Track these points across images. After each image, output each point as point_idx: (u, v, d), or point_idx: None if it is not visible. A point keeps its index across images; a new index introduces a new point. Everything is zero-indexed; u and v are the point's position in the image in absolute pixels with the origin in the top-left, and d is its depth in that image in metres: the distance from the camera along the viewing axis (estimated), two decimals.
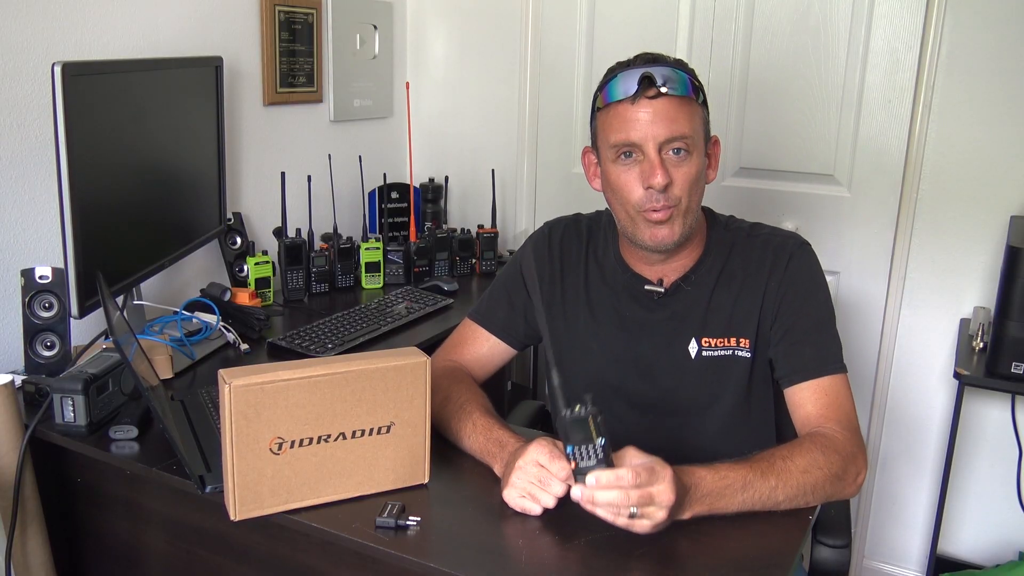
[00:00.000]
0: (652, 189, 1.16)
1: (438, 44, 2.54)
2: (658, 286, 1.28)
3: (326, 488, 1.07)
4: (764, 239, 1.28)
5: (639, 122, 1.15)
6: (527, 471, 1.04)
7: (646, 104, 1.15)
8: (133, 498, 1.30)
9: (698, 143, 1.18)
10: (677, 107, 1.15)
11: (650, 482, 0.96)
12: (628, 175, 1.18)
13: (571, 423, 0.98)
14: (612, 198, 1.24)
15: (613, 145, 1.18)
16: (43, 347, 1.41)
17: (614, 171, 1.20)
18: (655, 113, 1.15)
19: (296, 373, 1.01)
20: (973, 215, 1.94)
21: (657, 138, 1.15)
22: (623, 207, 1.22)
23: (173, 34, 1.78)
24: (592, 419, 0.98)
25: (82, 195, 1.30)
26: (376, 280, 2.13)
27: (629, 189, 1.18)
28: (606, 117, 1.20)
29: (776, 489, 1.05)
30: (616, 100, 1.17)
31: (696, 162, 1.18)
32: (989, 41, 1.85)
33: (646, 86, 1.15)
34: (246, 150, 2.03)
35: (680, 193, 1.17)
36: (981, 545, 2.09)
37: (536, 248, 1.38)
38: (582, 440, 0.98)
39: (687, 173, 1.17)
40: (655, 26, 2.20)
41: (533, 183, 2.49)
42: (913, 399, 2.09)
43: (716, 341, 1.26)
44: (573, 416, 0.98)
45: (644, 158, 1.16)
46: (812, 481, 1.07)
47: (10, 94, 1.48)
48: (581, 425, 0.98)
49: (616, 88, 1.17)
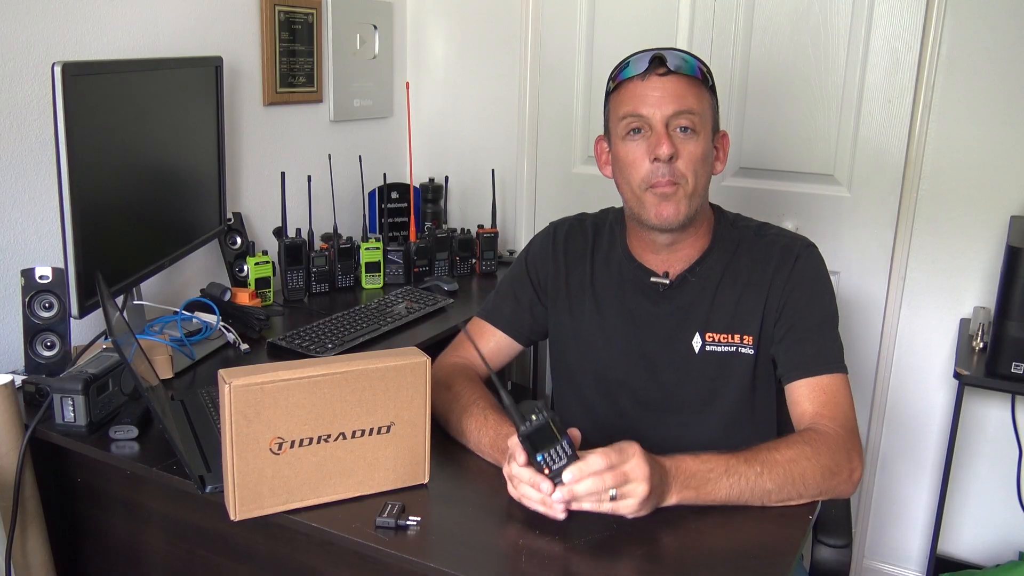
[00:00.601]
0: (658, 161, 1.19)
1: (438, 44, 2.54)
2: (664, 278, 1.29)
3: (326, 488, 1.07)
4: (771, 239, 1.30)
5: (648, 97, 1.20)
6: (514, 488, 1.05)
7: (656, 80, 1.20)
8: (133, 498, 1.30)
9: (705, 125, 1.22)
10: (686, 86, 1.20)
11: (621, 461, 0.98)
12: (636, 150, 1.21)
13: (534, 433, 1.00)
14: (620, 178, 1.27)
15: (622, 117, 1.22)
16: (43, 347, 1.41)
17: (623, 148, 1.23)
18: (664, 89, 1.19)
19: (296, 373, 1.01)
20: (973, 215, 1.94)
21: (665, 112, 1.19)
22: (630, 185, 1.24)
23: (173, 34, 1.78)
24: (551, 422, 1.00)
25: (82, 195, 1.30)
26: (376, 280, 2.13)
27: (637, 164, 1.21)
28: (617, 95, 1.24)
29: (762, 476, 1.05)
30: (627, 77, 1.22)
31: (702, 143, 1.21)
32: (989, 41, 1.85)
33: (656, 64, 1.20)
34: (246, 150, 2.03)
35: (685, 170, 1.20)
36: (981, 545, 2.09)
37: (542, 244, 1.41)
38: (548, 445, 1.00)
39: (693, 151, 1.20)
40: (655, 26, 2.20)
41: (533, 183, 2.49)
42: (913, 399, 2.09)
43: (720, 337, 1.27)
44: (533, 425, 1.00)
45: (652, 133, 1.20)
46: (800, 472, 1.07)
47: (10, 94, 1.48)
48: (543, 431, 1.00)
49: (628, 68, 1.22)
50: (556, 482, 1.00)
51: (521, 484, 1.03)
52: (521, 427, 1.00)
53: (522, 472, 1.02)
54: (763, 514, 1.09)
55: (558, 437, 1.00)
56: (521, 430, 1.00)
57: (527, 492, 1.02)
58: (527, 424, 1.00)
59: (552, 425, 1.00)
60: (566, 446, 1.00)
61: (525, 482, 1.02)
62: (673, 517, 1.06)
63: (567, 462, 1.00)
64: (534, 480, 1.01)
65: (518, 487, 1.03)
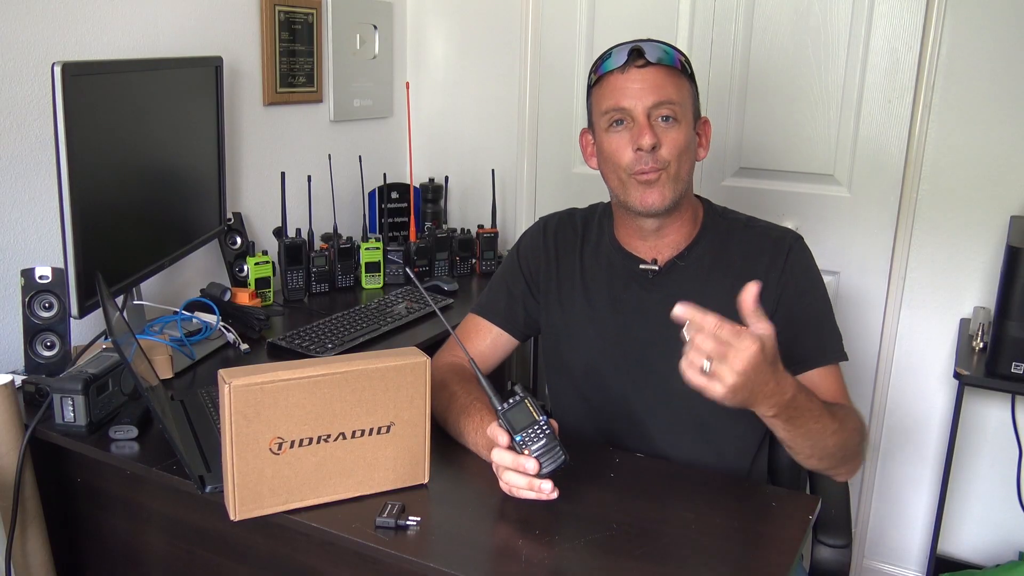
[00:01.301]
0: (641, 151, 1.20)
1: (438, 44, 2.54)
2: (652, 265, 1.30)
3: (326, 488, 1.07)
4: (761, 231, 1.31)
5: (629, 89, 1.21)
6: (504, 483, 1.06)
7: (635, 72, 1.21)
8: (133, 498, 1.30)
9: (686, 114, 1.23)
10: (665, 76, 1.22)
11: (734, 339, 0.92)
12: (619, 141, 1.23)
13: (512, 412, 1.04)
14: (605, 168, 1.28)
15: (605, 112, 1.24)
16: (43, 347, 1.41)
17: (607, 140, 1.25)
18: (643, 81, 1.21)
19: (296, 373, 1.01)
20: (973, 215, 1.94)
21: (646, 103, 1.21)
22: (615, 173, 1.26)
23: (173, 34, 1.78)
24: (528, 401, 1.04)
25: (82, 195, 1.30)
26: (376, 280, 2.13)
27: (620, 154, 1.23)
28: (599, 89, 1.26)
29: (833, 435, 1.09)
30: (607, 71, 1.23)
31: (684, 131, 1.23)
32: (989, 41, 1.85)
33: (635, 57, 1.21)
34: (246, 150, 2.03)
35: (668, 156, 1.21)
36: (981, 545, 2.09)
37: (532, 238, 1.43)
38: (527, 424, 1.03)
39: (675, 139, 1.22)
40: (655, 26, 2.20)
41: (533, 183, 2.49)
42: (913, 399, 2.09)
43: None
44: (511, 406, 1.04)
45: (634, 124, 1.22)
46: (847, 444, 1.12)
47: (10, 94, 1.48)
48: (521, 410, 1.04)
49: (608, 62, 1.24)
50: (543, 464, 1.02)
51: (505, 472, 1.05)
52: (499, 406, 1.05)
53: (504, 456, 1.04)
54: (763, 514, 1.09)
55: (535, 417, 1.03)
56: (499, 410, 1.04)
57: (513, 479, 1.04)
58: (505, 405, 1.04)
59: (529, 405, 1.04)
60: (543, 425, 1.03)
61: (508, 466, 1.04)
62: (673, 517, 1.07)
63: (545, 443, 1.03)
64: (517, 463, 1.03)
65: (502, 475, 1.05)
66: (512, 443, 1.04)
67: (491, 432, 1.06)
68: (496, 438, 1.05)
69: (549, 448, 1.03)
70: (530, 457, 1.03)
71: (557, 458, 1.03)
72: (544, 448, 1.03)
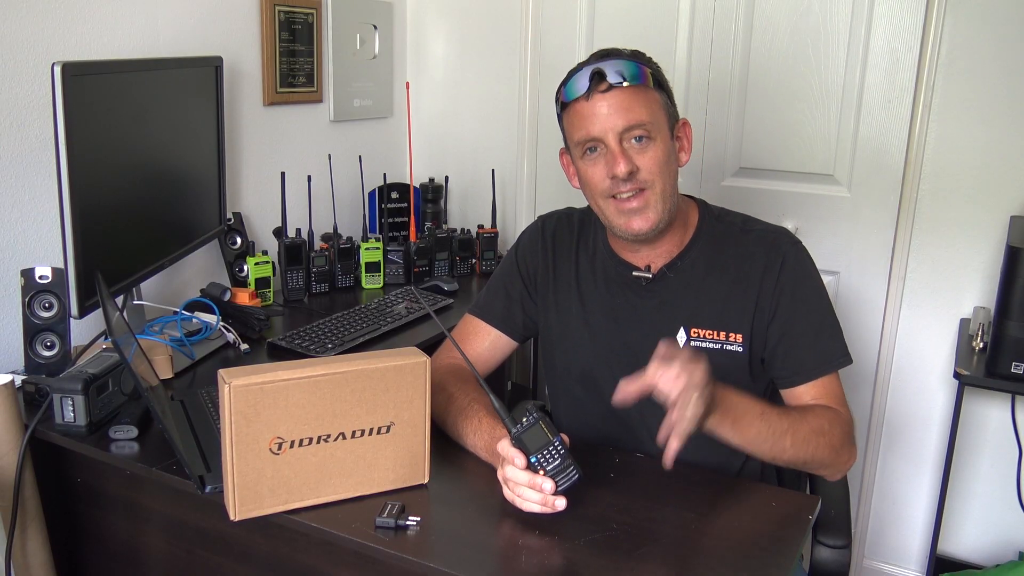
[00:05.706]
0: (617, 178, 1.19)
1: (438, 44, 2.54)
2: (646, 272, 1.29)
3: (326, 488, 1.07)
4: (758, 235, 1.29)
5: (596, 116, 1.19)
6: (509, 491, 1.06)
7: (599, 98, 1.19)
8: (133, 498, 1.30)
9: (660, 128, 1.21)
10: (631, 96, 1.18)
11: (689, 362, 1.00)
12: (595, 168, 1.22)
13: (526, 434, 1.02)
14: (587, 193, 1.28)
15: (577, 143, 1.23)
16: (43, 347, 1.41)
17: (583, 167, 1.24)
18: (609, 106, 1.18)
19: (296, 373, 1.01)
20: (973, 215, 1.94)
21: (616, 129, 1.18)
22: (596, 200, 1.25)
23: (173, 34, 1.78)
24: (542, 423, 1.02)
25: (82, 195, 1.30)
26: (376, 280, 2.13)
27: (597, 181, 1.22)
28: (568, 117, 1.24)
29: (787, 433, 1.10)
30: (572, 99, 1.22)
31: (661, 146, 1.20)
32: (989, 41, 1.85)
33: (597, 81, 1.18)
34: (246, 150, 2.03)
35: (649, 177, 1.20)
36: (981, 545, 2.09)
37: (530, 238, 1.42)
38: (541, 446, 1.01)
39: (653, 157, 1.19)
40: (655, 26, 2.20)
41: (533, 183, 2.49)
42: (913, 399, 2.09)
43: (705, 332, 1.27)
44: (524, 428, 1.02)
45: (607, 150, 1.20)
46: (816, 442, 1.13)
47: (10, 94, 1.48)
48: (535, 432, 1.02)
49: (571, 88, 1.22)
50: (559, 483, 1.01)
51: (518, 487, 1.03)
52: (512, 430, 1.02)
53: (520, 475, 1.02)
54: (762, 514, 1.09)
55: (550, 438, 1.02)
56: (513, 432, 1.02)
57: (526, 494, 1.02)
58: (519, 427, 1.02)
59: (543, 427, 1.01)
60: (558, 446, 1.02)
61: (524, 484, 1.02)
62: (673, 517, 1.07)
63: (560, 462, 1.01)
64: (534, 482, 1.01)
65: (514, 489, 1.04)
66: (528, 464, 1.02)
67: (504, 451, 1.04)
68: (513, 460, 1.02)
69: (564, 467, 1.02)
70: (547, 478, 1.01)
71: (571, 476, 1.03)
72: (559, 468, 1.02)
